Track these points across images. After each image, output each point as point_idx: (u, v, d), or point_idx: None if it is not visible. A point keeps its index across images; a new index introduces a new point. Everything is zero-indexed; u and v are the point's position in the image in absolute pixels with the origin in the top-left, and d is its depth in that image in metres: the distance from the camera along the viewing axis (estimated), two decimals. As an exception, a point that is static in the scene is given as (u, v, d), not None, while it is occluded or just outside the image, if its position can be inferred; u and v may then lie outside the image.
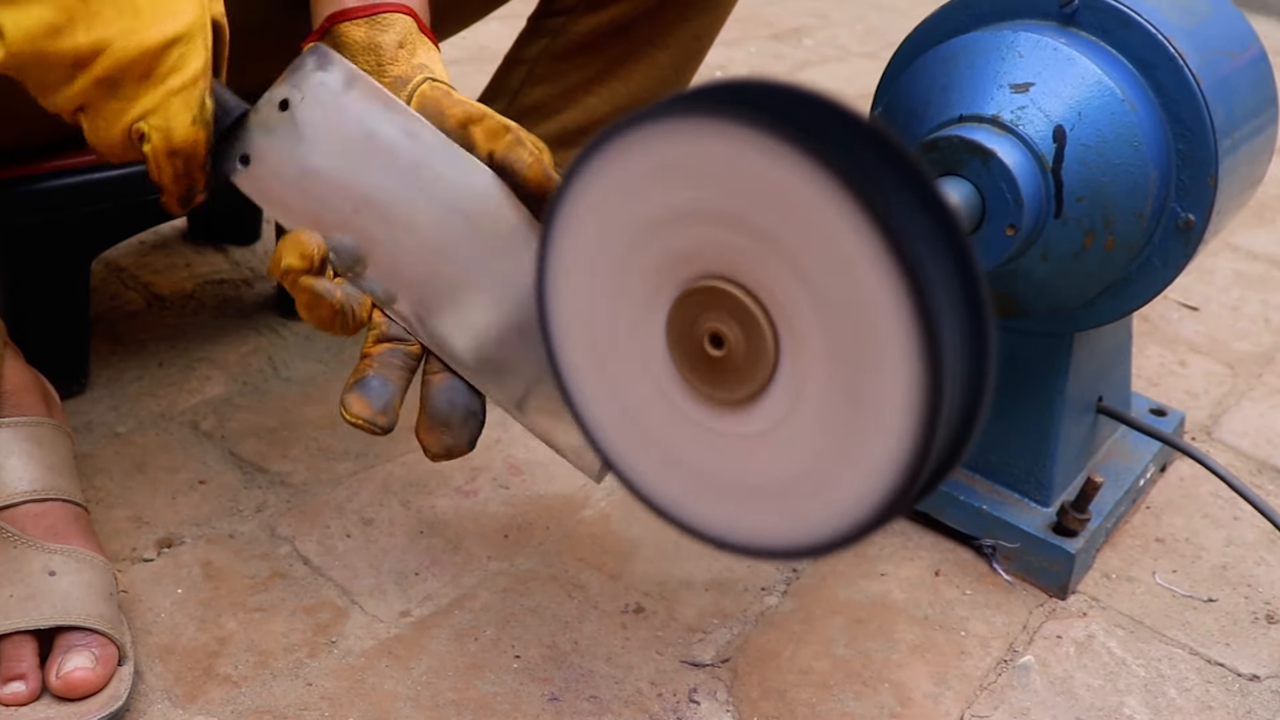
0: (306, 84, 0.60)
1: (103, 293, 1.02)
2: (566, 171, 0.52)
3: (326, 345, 0.98)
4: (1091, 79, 0.66)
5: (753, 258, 0.47)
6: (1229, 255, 1.34)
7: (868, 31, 2.20)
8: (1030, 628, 0.73)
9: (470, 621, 0.70)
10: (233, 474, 0.81)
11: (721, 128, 0.45)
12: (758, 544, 0.52)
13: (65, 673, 0.59)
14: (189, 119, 0.56)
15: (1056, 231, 0.67)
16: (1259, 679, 0.71)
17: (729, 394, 0.50)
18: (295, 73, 0.61)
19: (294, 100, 0.60)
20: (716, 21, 0.99)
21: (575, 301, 0.54)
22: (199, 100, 0.56)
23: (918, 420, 0.44)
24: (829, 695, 0.67)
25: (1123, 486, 0.82)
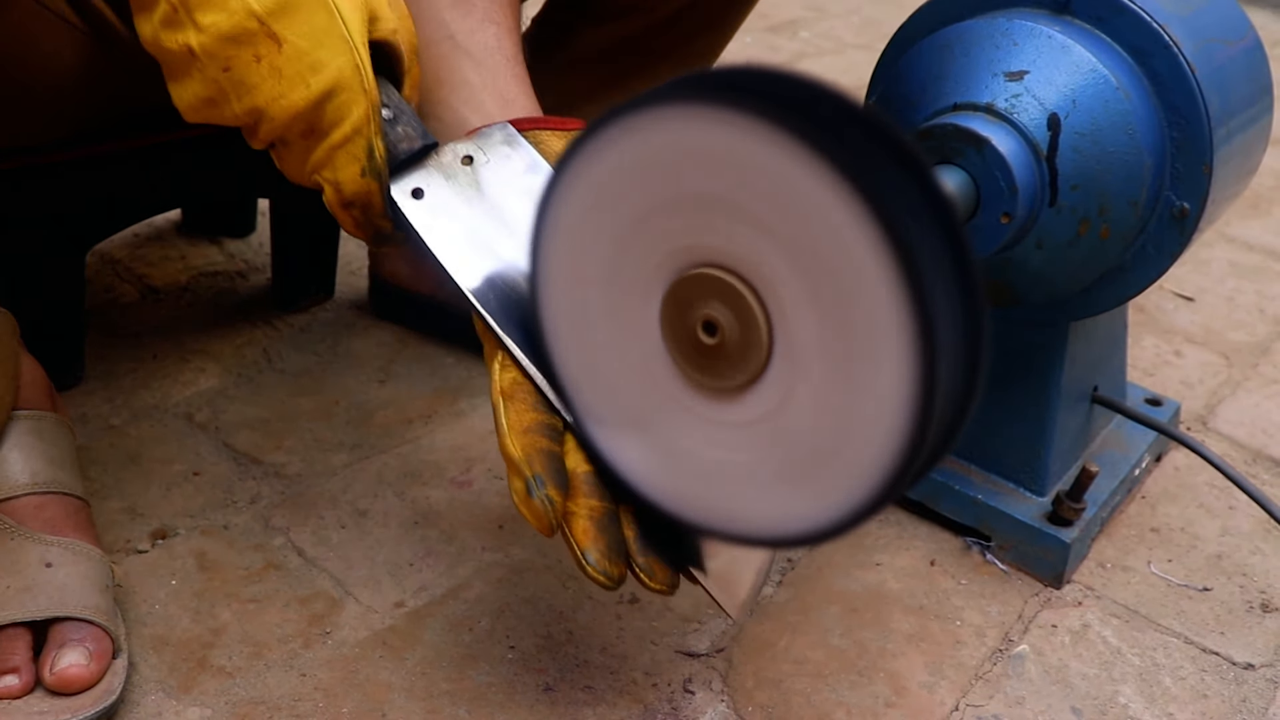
0: (492, 151, 0.60)
1: (97, 285, 1.02)
2: (559, 160, 0.51)
3: (321, 337, 0.98)
4: (1086, 67, 0.66)
5: (746, 244, 0.47)
6: (1224, 246, 1.34)
7: (863, 23, 2.20)
8: (1025, 617, 0.73)
9: (465, 612, 0.70)
10: (227, 465, 0.81)
11: (715, 114, 0.45)
12: (752, 532, 0.52)
13: (60, 669, 0.59)
14: (356, 172, 0.56)
15: (1051, 220, 0.67)
16: (1254, 668, 0.71)
17: (723, 381, 0.50)
18: (482, 138, 0.60)
19: (478, 159, 0.60)
20: (722, 39, 0.98)
21: (569, 291, 0.54)
22: (365, 150, 0.55)
23: (911, 407, 0.44)
24: (824, 685, 0.67)
25: (1118, 476, 0.82)
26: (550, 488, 0.53)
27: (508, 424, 0.55)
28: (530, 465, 0.53)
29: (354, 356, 0.96)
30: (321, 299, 1.03)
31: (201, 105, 0.55)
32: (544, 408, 0.56)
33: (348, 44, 0.54)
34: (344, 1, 0.54)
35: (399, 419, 0.88)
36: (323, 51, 0.53)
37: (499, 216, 0.59)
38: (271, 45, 0.53)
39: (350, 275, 1.08)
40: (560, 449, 0.56)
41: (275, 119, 0.54)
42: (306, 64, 0.53)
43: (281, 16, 0.53)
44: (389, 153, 0.57)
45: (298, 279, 1.01)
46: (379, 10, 0.56)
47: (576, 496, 0.55)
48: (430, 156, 0.59)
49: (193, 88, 0.54)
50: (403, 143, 0.58)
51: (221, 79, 0.53)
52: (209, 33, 0.52)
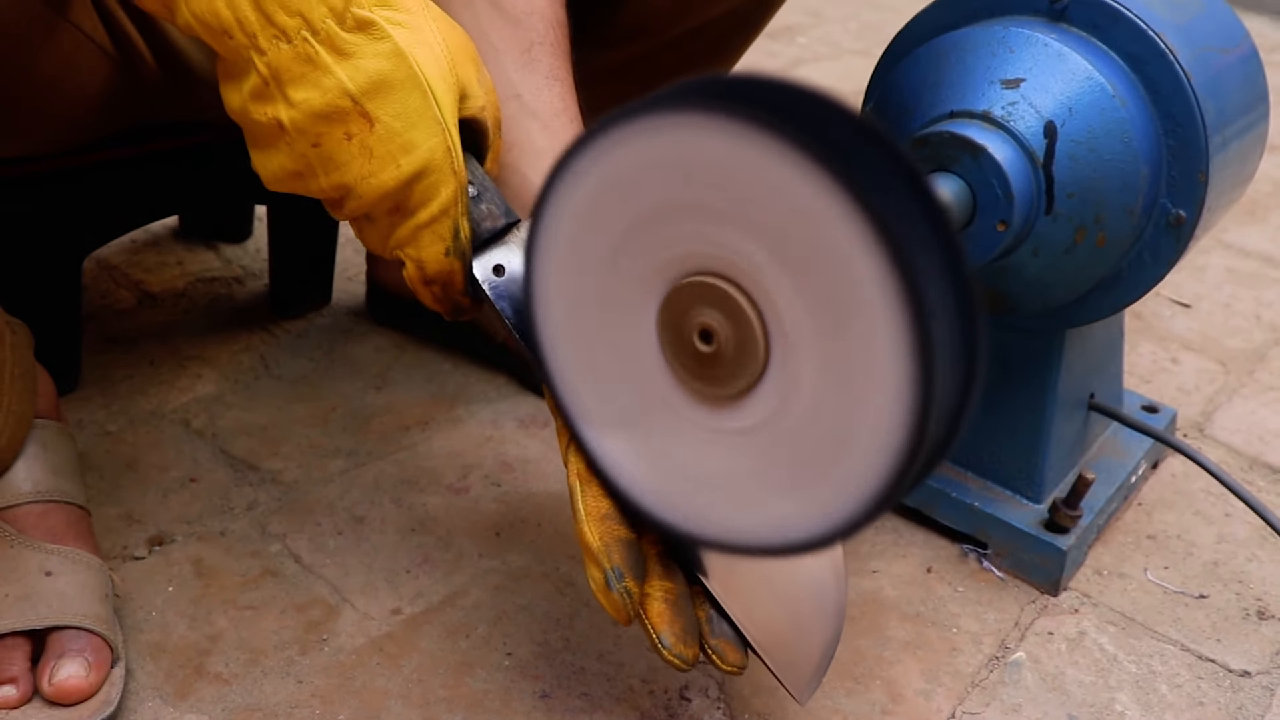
0: None
1: (94, 291, 1.02)
2: (554, 166, 0.51)
3: (318, 344, 0.98)
4: (1082, 75, 0.66)
5: (742, 252, 0.47)
6: (1221, 252, 1.34)
7: (861, 28, 2.20)
8: (1022, 624, 0.74)
9: (461, 619, 0.70)
10: (224, 472, 0.81)
11: (712, 123, 0.45)
12: (749, 541, 0.52)
13: (58, 680, 0.59)
14: (440, 251, 0.55)
15: (1047, 227, 0.67)
16: (1250, 675, 0.71)
17: (720, 390, 0.50)
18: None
19: None
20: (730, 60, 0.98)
21: (565, 301, 0.54)
22: (451, 231, 0.55)
23: (908, 414, 0.44)
24: (821, 692, 0.67)
25: (1114, 483, 0.82)
26: (629, 579, 0.54)
27: (585, 510, 0.55)
28: (609, 557, 0.54)
29: (351, 363, 0.96)
30: (319, 305, 1.03)
31: (287, 178, 0.54)
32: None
33: (440, 125, 0.53)
34: (438, 81, 0.53)
35: (396, 425, 0.88)
36: (415, 132, 0.53)
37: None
38: (364, 124, 0.52)
39: (348, 281, 1.08)
40: (637, 536, 0.56)
41: (363, 197, 0.54)
42: (398, 144, 0.53)
43: (375, 96, 0.52)
44: (473, 231, 0.57)
45: (295, 285, 1.01)
46: (469, 88, 0.55)
47: (652, 579, 0.56)
48: (512, 233, 0.58)
49: (279, 159, 0.54)
50: (486, 221, 0.57)
51: (310, 154, 0.53)
52: (301, 109, 0.52)
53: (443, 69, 0.53)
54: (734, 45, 0.97)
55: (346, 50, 0.51)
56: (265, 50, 0.51)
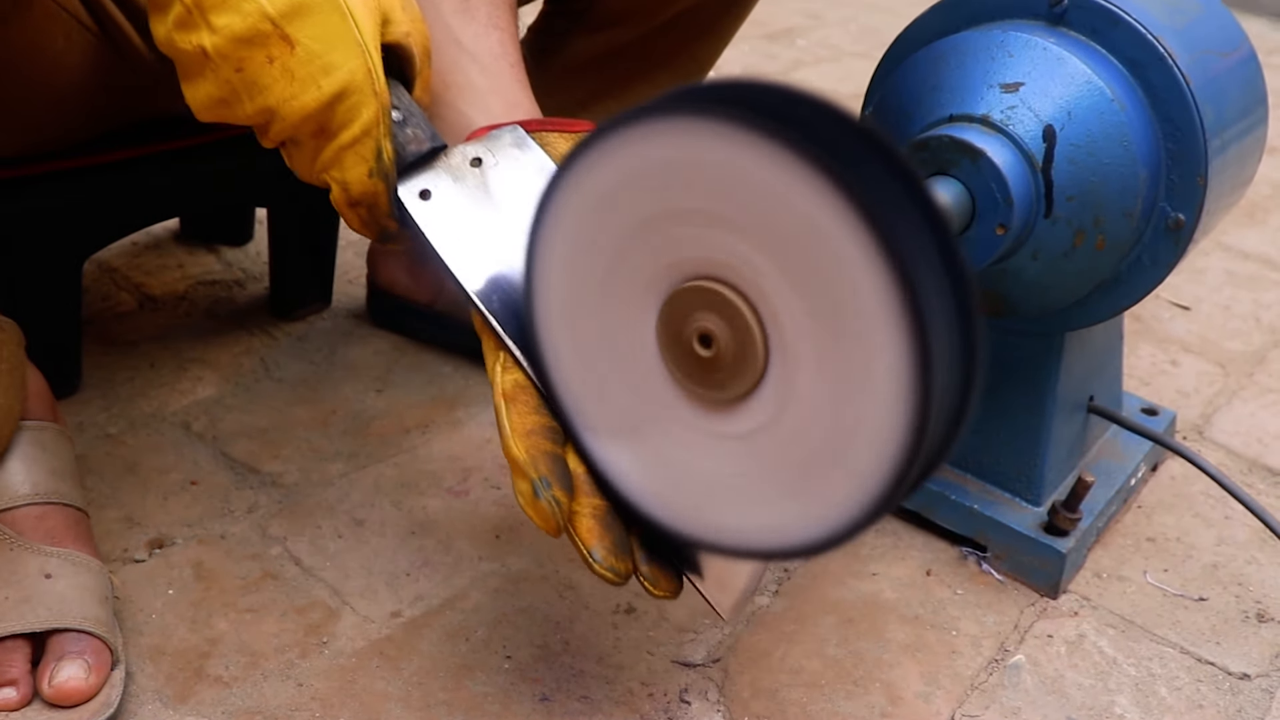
0: (501, 153, 0.60)
1: (94, 293, 1.02)
2: (554, 173, 0.52)
3: (318, 346, 0.98)
4: (1081, 78, 0.66)
5: (741, 257, 0.47)
6: (1220, 255, 1.34)
7: (861, 31, 2.21)
8: (1021, 627, 0.74)
9: (461, 622, 0.70)
10: (224, 475, 0.81)
11: (711, 128, 0.45)
12: (749, 545, 0.52)
13: (58, 682, 0.59)
14: (364, 172, 0.56)
15: (1046, 231, 0.67)
16: (1249, 678, 0.71)
17: (719, 393, 0.50)
18: (491, 140, 0.60)
19: (487, 161, 0.60)
20: (718, 46, 0.98)
21: (565, 304, 0.54)
22: (374, 152, 0.56)
23: (907, 418, 0.44)
24: (820, 695, 0.67)
25: (1114, 486, 0.82)
26: (556, 489, 0.54)
27: (510, 427, 0.55)
28: (535, 467, 0.54)
29: (351, 365, 0.96)
30: (319, 308, 1.03)
31: (214, 105, 0.56)
32: (546, 410, 0.56)
33: (360, 47, 0.54)
34: (357, 4, 0.54)
35: (396, 428, 0.88)
36: (335, 54, 0.54)
37: (506, 219, 0.59)
38: (284, 47, 0.53)
39: (348, 284, 1.08)
40: (563, 451, 0.56)
41: (286, 119, 0.55)
42: (319, 66, 0.54)
43: (295, 19, 0.53)
44: (397, 154, 0.57)
45: (295, 288, 1.01)
46: (392, 13, 0.56)
47: (580, 496, 0.55)
48: (439, 158, 0.59)
49: (205, 88, 0.55)
50: (411, 144, 0.58)
51: (234, 79, 0.54)
52: (222, 34, 0.53)
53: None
54: (725, 26, 0.97)
55: None
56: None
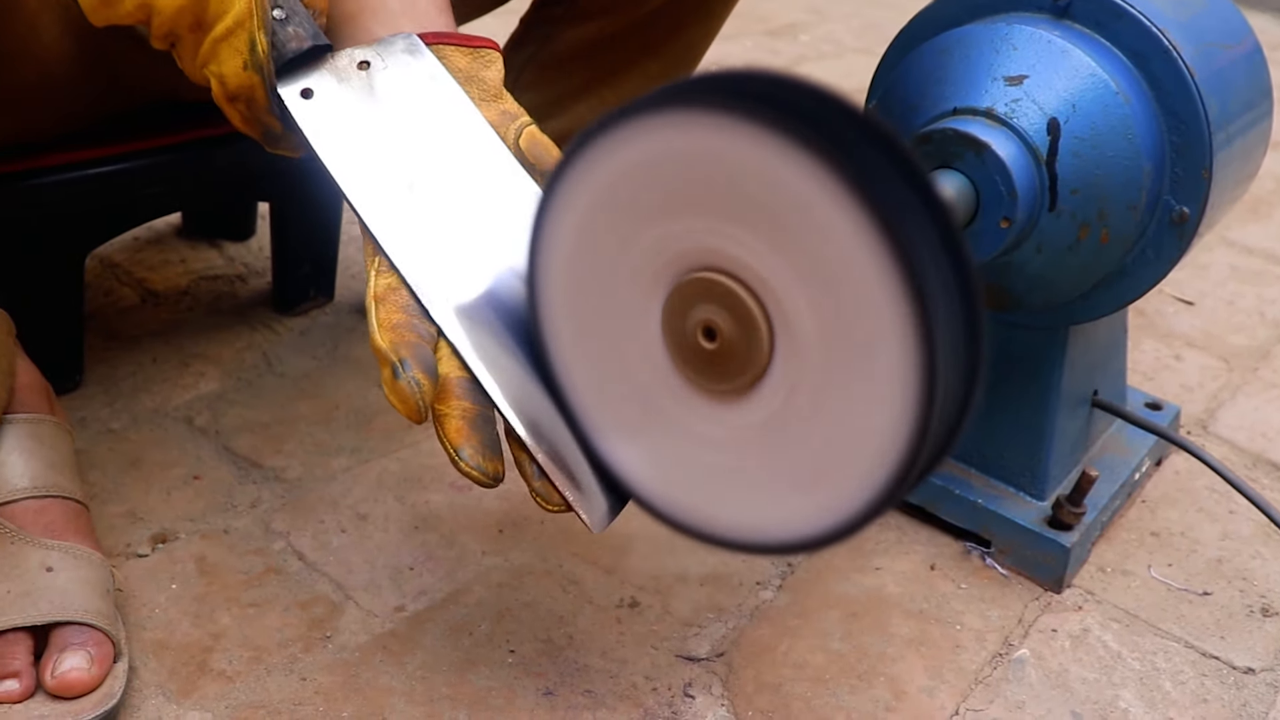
0: (392, 58, 0.60)
1: (97, 288, 1.02)
2: (556, 167, 0.51)
3: (321, 341, 0.98)
4: (1085, 71, 0.66)
5: (746, 249, 0.47)
6: (1225, 250, 1.34)
7: (864, 27, 2.20)
8: (1025, 621, 0.73)
9: (465, 616, 0.70)
10: (227, 469, 0.81)
11: (713, 120, 0.45)
12: (753, 538, 0.52)
13: (60, 673, 0.59)
14: (239, 65, 0.56)
15: (1050, 224, 0.67)
16: (1254, 672, 0.71)
17: (724, 385, 0.50)
18: (382, 45, 0.60)
19: (375, 65, 0.59)
20: (710, 32, 0.98)
21: (569, 297, 0.54)
22: (247, 43, 0.56)
23: (912, 411, 0.44)
24: (824, 689, 0.67)
25: (1118, 480, 0.82)
26: (417, 371, 0.53)
27: (377, 321, 0.55)
28: (397, 352, 0.53)
29: (354, 360, 0.96)
30: (321, 302, 1.03)
31: (101, 5, 0.56)
32: (415, 312, 0.56)
33: None
34: None
35: (399, 423, 0.88)
36: None
37: (392, 122, 0.59)
38: None
39: (350, 279, 1.08)
40: (430, 345, 0.55)
41: (163, 12, 0.55)
42: None
43: None
44: (276, 50, 0.57)
45: (298, 282, 1.01)
46: None
47: (449, 399, 0.55)
48: (325, 59, 0.59)
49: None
50: (292, 42, 0.58)
51: None
52: None
53: None
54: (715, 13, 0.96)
55: None
56: None
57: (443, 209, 0.58)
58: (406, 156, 0.59)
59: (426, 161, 0.59)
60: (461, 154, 0.59)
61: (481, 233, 0.58)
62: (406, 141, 0.59)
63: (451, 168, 0.59)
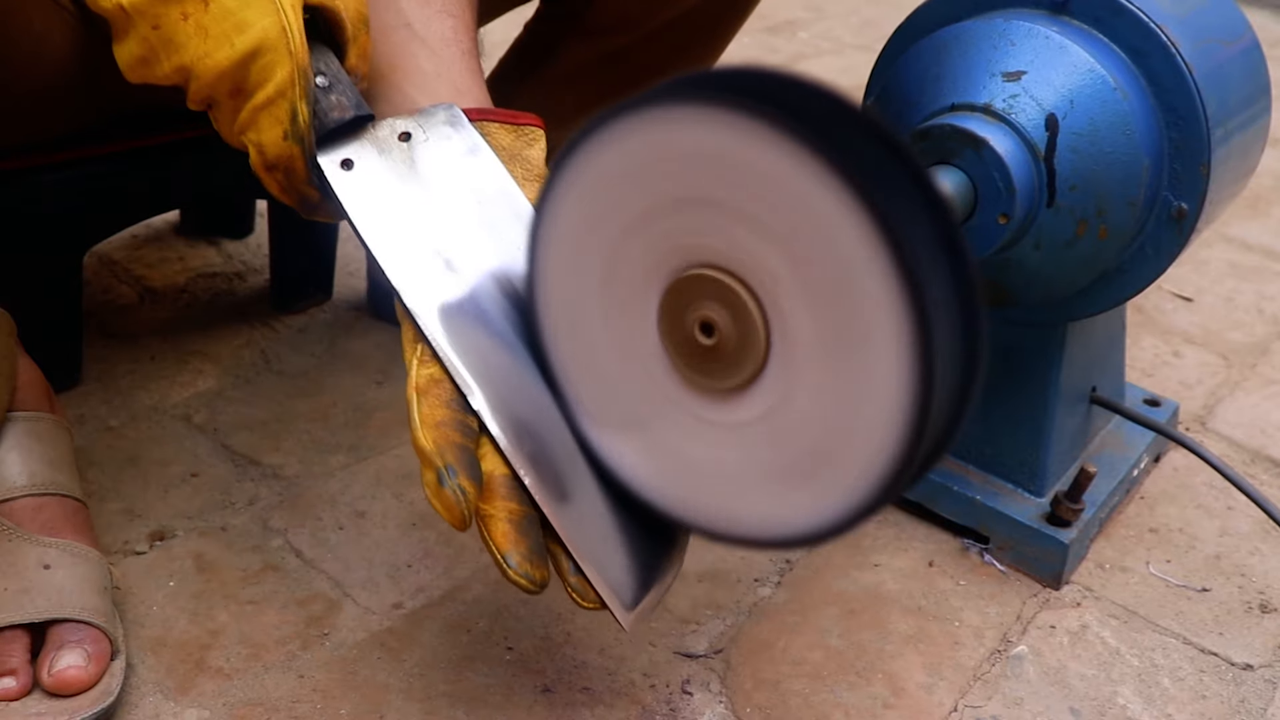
0: (433, 130, 0.58)
1: (95, 286, 1.02)
2: (554, 163, 0.51)
3: (319, 338, 0.98)
4: (1084, 67, 0.66)
5: (743, 245, 0.47)
6: (1223, 246, 1.34)
7: (862, 24, 2.20)
8: (1024, 618, 0.73)
9: (463, 613, 0.70)
10: (225, 467, 0.81)
11: (711, 115, 0.45)
12: (750, 534, 0.52)
13: (58, 670, 0.59)
14: (279, 135, 0.55)
15: (1049, 220, 0.67)
16: (1252, 668, 0.71)
17: (721, 382, 0.50)
18: (424, 116, 0.59)
19: (417, 136, 0.58)
20: (715, 51, 0.98)
21: (567, 292, 0.54)
22: (288, 113, 0.55)
23: (909, 408, 0.44)
24: (822, 686, 0.67)
25: (1116, 476, 0.82)
26: (462, 478, 0.52)
27: (420, 418, 0.53)
28: (441, 456, 0.52)
29: (352, 358, 0.95)
30: (319, 300, 1.03)
31: (137, 64, 0.56)
32: (458, 406, 0.54)
33: (274, 4, 0.54)
34: None
35: (397, 420, 0.88)
36: (249, 11, 0.53)
37: (432, 196, 0.58)
38: (199, 4, 0.53)
39: (348, 276, 1.08)
40: (474, 447, 0.54)
41: (201, 78, 0.54)
42: (232, 23, 0.53)
43: None
44: (318, 119, 0.56)
45: (296, 280, 1.01)
46: None
47: (494, 499, 0.53)
48: (366, 129, 0.58)
49: (129, 47, 0.55)
50: (335, 111, 0.56)
51: (152, 37, 0.54)
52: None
53: None
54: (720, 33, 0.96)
55: None
56: None
57: (483, 291, 0.57)
58: (447, 234, 0.57)
59: (466, 240, 0.57)
60: (501, 234, 0.58)
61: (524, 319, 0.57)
62: (447, 219, 0.57)
63: (492, 248, 0.57)
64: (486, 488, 0.53)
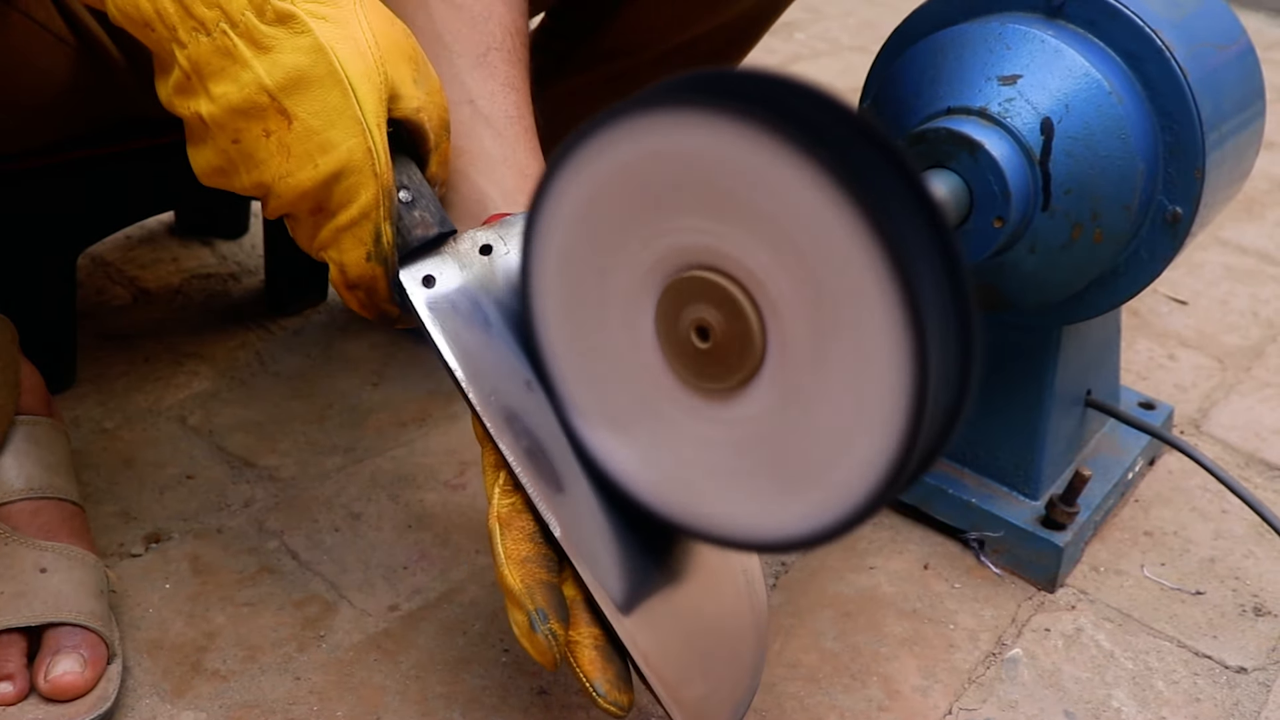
0: (512, 241, 0.57)
1: (89, 287, 1.02)
2: (550, 165, 0.51)
3: (314, 340, 0.98)
4: (1079, 71, 0.66)
5: (738, 247, 0.47)
6: (1218, 249, 1.34)
7: (859, 25, 2.20)
8: (1019, 621, 0.74)
9: (459, 615, 0.70)
10: (221, 469, 0.81)
11: (706, 118, 0.45)
12: (746, 537, 0.52)
13: (54, 676, 0.59)
14: (361, 255, 0.54)
15: (1044, 224, 0.67)
16: (1246, 671, 0.71)
17: (716, 384, 0.50)
18: (504, 227, 0.57)
19: (497, 249, 0.57)
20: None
21: (562, 294, 0.54)
22: (372, 235, 0.53)
23: (904, 411, 0.44)
24: (817, 688, 0.67)
25: (1111, 480, 0.82)
26: (554, 622, 0.52)
27: (505, 554, 0.53)
28: (532, 599, 0.52)
29: (347, 359, 0.95)
30: (315, 301, 1.03)
31: (213, 173, 0.54)
32: (540, 539, 0.54)
33: (360, 125, 0.52)
34: (361, 79, 0.52)
35: (393, 422, 0.88)
36: (334, 131, 0.51)
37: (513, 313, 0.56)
38: (281, 121, 0.51)
39: (344, 278, 1.08)
40: (558, 580, 0.54)
41: (282, 196, 0.53)
42: (316, 143, 0.51)
43: (294, 93, 0.51)
44: (402, 237, 0.55)
45: (291, 282, 1.01)
46: (401, 87, 0.54)
47: (579, 625, 0.54)
48: (447, 243, 0.57)
49: (206, 155, 0.54)
50: (418, 229, 0.55)
51: (231, 150, 0.52)
52: (219, 104, 0.51)
53: (368, 66, 0.52)
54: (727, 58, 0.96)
55: (265, 44, 0.50)
56: (185, 43, 0.51)
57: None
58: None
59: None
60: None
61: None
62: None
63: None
64: (571, 613, 0.54)
